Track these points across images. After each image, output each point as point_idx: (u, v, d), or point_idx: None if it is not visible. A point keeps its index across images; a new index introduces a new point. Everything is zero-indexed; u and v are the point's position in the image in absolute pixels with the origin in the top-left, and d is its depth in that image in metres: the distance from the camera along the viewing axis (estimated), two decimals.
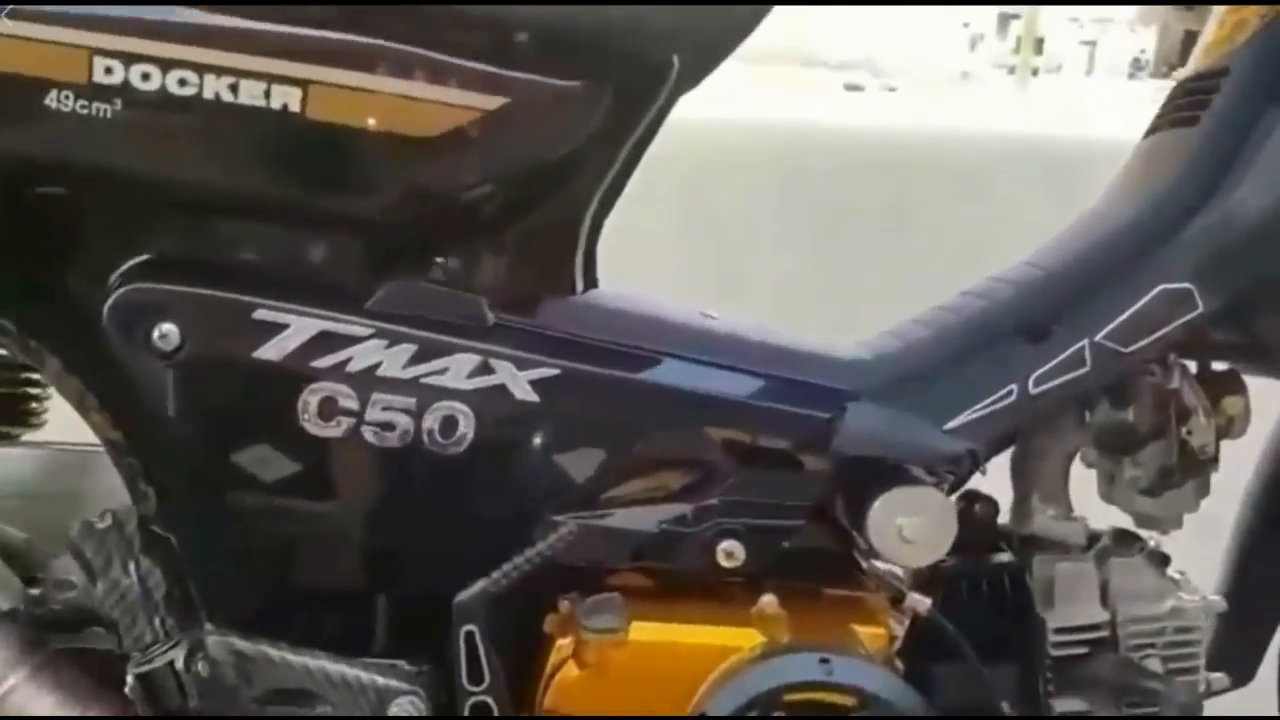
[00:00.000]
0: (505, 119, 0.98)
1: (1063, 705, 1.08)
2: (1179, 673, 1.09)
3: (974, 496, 1.15)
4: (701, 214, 4.77)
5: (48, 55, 0.87)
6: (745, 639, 1.01)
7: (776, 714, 0.97)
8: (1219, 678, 1.13)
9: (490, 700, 0.98)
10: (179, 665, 0.94)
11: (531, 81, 0.97)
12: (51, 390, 1.17)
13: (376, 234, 1.01)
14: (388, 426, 1.00)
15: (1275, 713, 1.20)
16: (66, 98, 0.88)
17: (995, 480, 1.14)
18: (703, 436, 1.04)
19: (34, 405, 1.18)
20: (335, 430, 0.99)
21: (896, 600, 1.07)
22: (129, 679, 0.93)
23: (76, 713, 0.91)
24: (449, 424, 1.00)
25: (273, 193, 0.96)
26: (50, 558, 0.97)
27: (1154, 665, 1.09)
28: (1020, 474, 1.15)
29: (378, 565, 1.04)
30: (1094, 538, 1.14)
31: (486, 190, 1.01)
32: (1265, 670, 1.20)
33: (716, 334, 1.09)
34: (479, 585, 0.98)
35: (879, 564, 1.12)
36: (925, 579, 1.11)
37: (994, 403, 1.04)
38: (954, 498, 1.09)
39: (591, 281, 1.09)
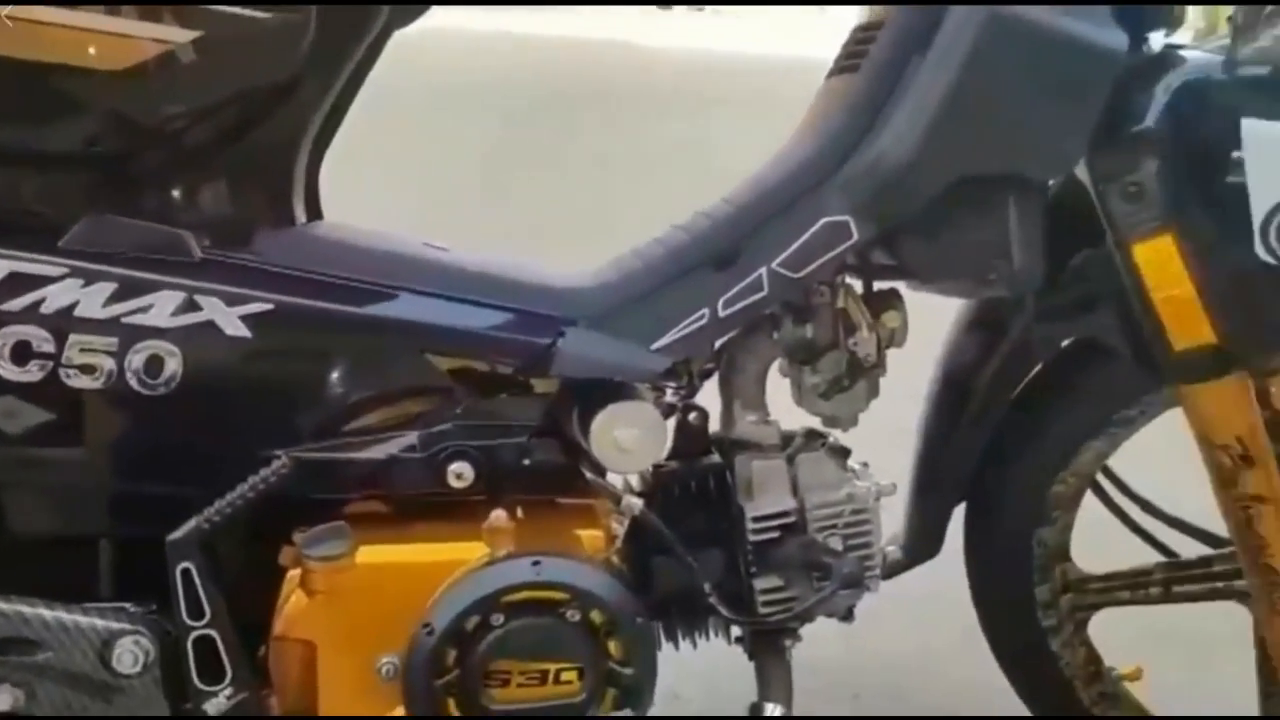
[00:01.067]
0: (201, 51, 0.76)
1: (762, 583, 0.95)
2: (857, 549, 0.99)
3: (689, 407, 1.01)
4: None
5: None
6: (471, 553, 0.80)
7: (495, 616, 0.78)
8: (893, 551, 1.03)
9: (213, 633, 0.75)
10: None
11: (226, 14, 0.76)
12: None
13: (70, 169, 0.75)
14: (88, 369, 0.74)
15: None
16: None
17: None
18: (426, 367, 0.82)
19: None
20: (32, 375, 0.73)
21: (615, 504, 0.93)
22: None
23: None
24: (154, 363, 0.75)
25: None
26: None
27: (835, 544, 0.99)
28: (725, 386, 1.01)
29: (92, 509, 0.78)
30: (789, 437, 1.03)
31: (184, 123, 0.76)
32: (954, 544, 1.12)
33: (440, 265, 0.87)
34: (191, 523, 0.74)
35: (600, 478, 0.97)
36: (648, 483, 0.97)
37: (690, 324, 0.90)
38: (664, 412, 0.96)
39: (315, 214, 0.85)
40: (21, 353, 0.73)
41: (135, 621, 0.75)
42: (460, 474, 0.82)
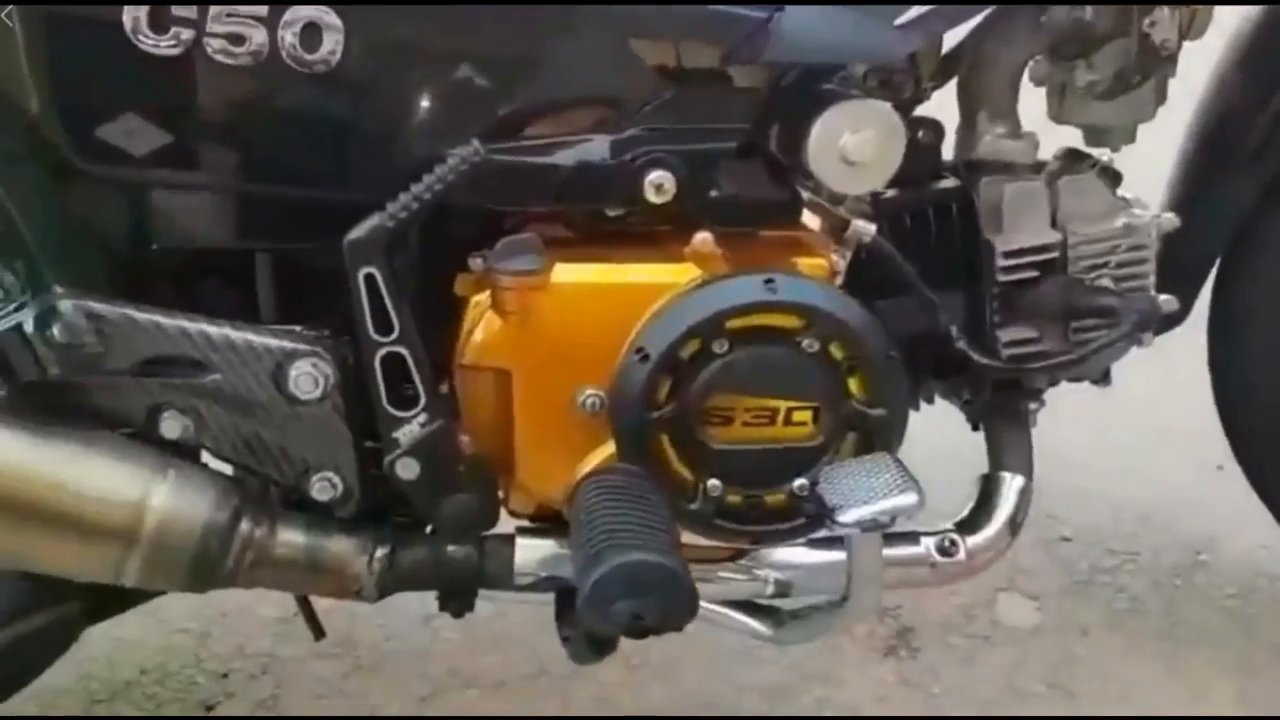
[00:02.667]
0: None
1: (1010, 331, 0.81)
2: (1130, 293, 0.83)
3: (916, 122, 0.84)
4: None
5: None
6: (680, 274, 0.68)
7: (718, 342, 0.67)
8: (1168, 299, 0.87)
9: (403, 350, 0.66)
10: (29, 330, 0.62)
11: None
12: None
13: None
14: (236, 39, 0.65)
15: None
16: None
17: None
18: (627, 57, 0.69)
19: None
20: (171, 48, 0.64)
21: (838, 231, 0.79)
22: None
23: None
24: (311, 34, 0.63)
25: None
26: None
27: (1105, 285, 0.83)
28: (968, 92, 0.83)
29: (265, 223, 0.70)
30: (1041, 162, 0.87)
31: None
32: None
33: None
34: (373, 220, 0.64)
35: (820, 198, 0.83)
36: (868, 213, 0.82)
37: None
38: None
39: None
40: (159, 23, 0.61)
41: (312, 342, 0.66)
42: (660, 185, 0.70)
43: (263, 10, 0.63)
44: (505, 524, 0.75)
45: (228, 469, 0.70)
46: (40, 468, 0.63)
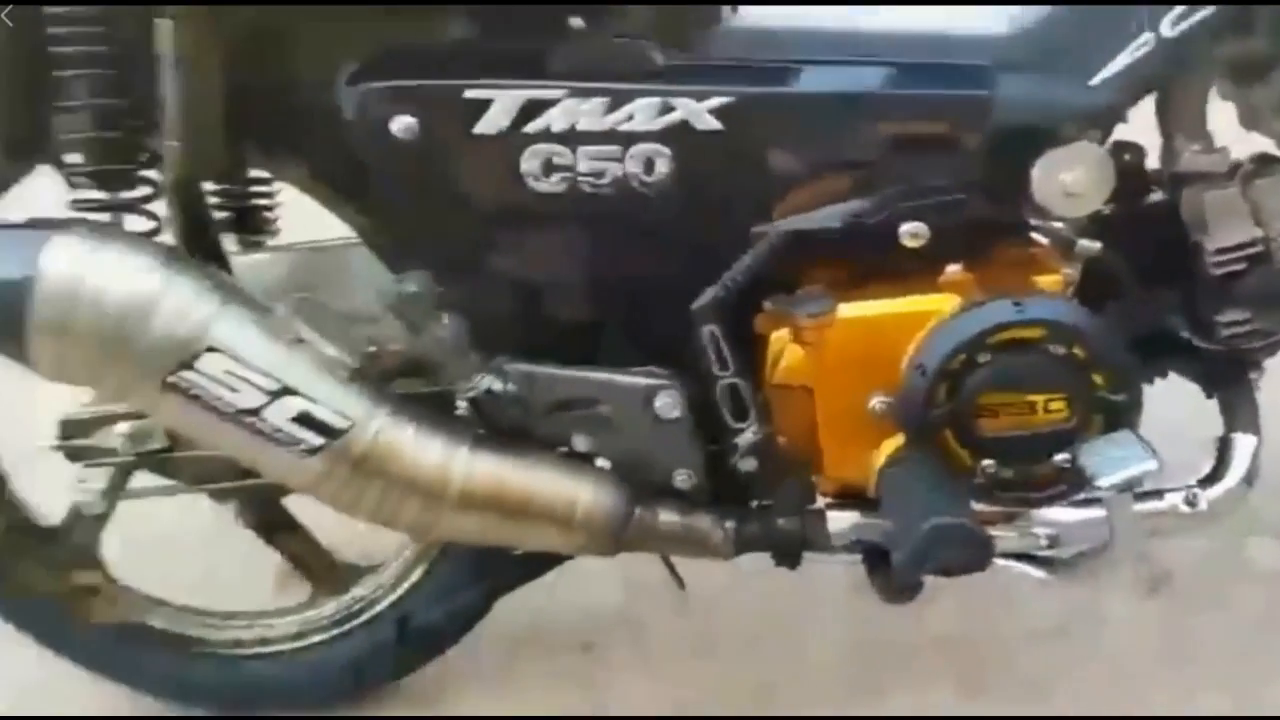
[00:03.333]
0: None
1: (1226, 316, 0.93)
2: None
3: (1121, 146, 0.95)
4: None
5: None
6: (942, 303, 0.87)
7: (981, 355, 0.86)
8: None
9: (738, 381, 0.89)
10: (496, 388, 0.88)
11: None
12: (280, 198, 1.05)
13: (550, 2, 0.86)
14: (599, 175, 0.88)
15: None
16: None
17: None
18: (871, 132, 0.87)
19: (268, 215, 1.08)
20: (558, 186, 0.88)
21: (1067, 250, 0.96)
22: (460, 404, 0.87)
23: (433, 438, 0.87)
24: (648, 164, 0.86)
25: None
26: (368, 324, 0.91)
27: None
28: (1164, 117, 0.99)
29: (622, 296, 0.93)
30: (1236, 165, 1.00)
31: None
32: None
33: (865, 34, 0.91)
34: (710, 293, 0.87)
35: (1046, 223, 1.00)
36: (1087, 229, 0.98)
37: (1132, 53, 0.89)
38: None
39: (733, 4, 0.91)
40: (546, 169, 0.87)
41: (669, 379, 0.89)
42: (915, 233, 0.87)
43: (614, 151, 0.88)
44: None
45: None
46: (515, 477, 0.88)
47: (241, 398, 0.80)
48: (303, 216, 1.05)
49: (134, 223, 0.88)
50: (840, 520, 0.93)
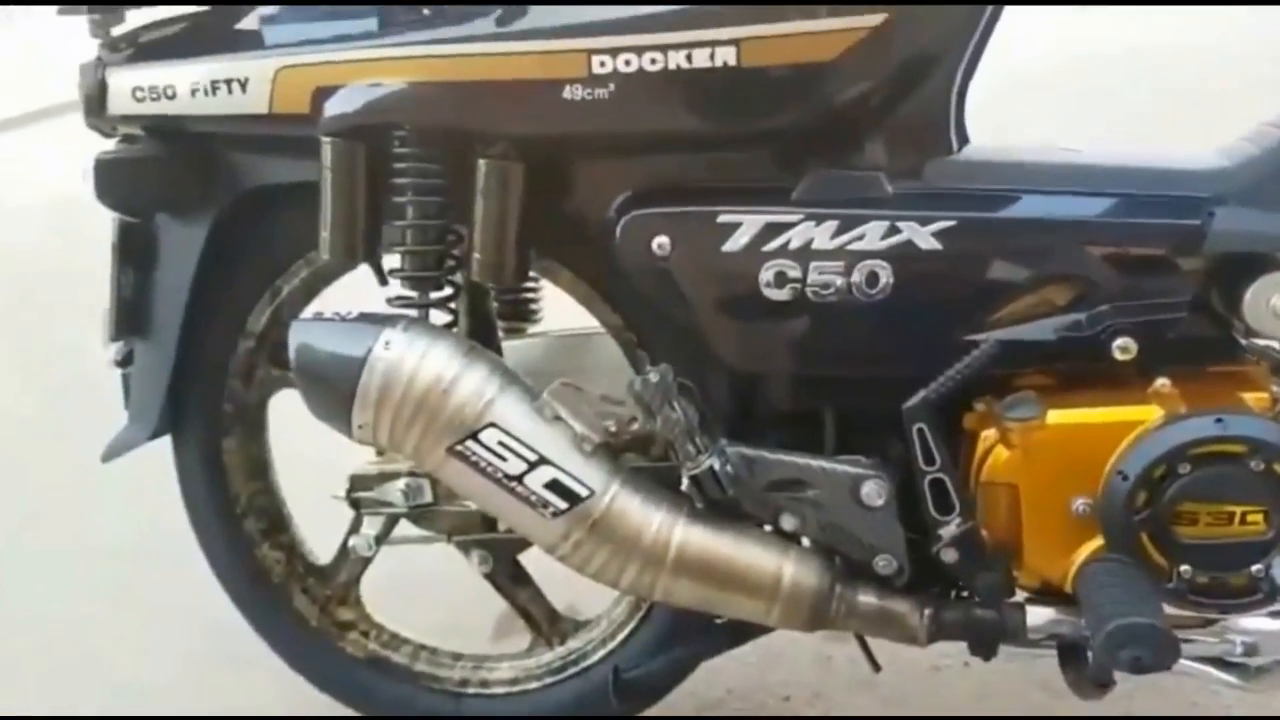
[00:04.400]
0: (887, 32, 0.97)
1: None
2: None
3: None
4: None
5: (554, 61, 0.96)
6: (1147, 414, 0.94)
7: (1182, 465, 0.92)
8: None
9: (943, 476, 0.98)
10: (717, 468, 0.98)
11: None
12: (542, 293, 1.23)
13: (795, 140, 1.00)
14: (825, 286, 0.98)
15: None
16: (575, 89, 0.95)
17: None
18: (1087, 255, 0.96)
19: (533, 307, 1.24)
20: (786, 295, 0.99)
21: (1276, 369, 1.01)
22: (684, 480, 0.98)
23: (656, 508, 0.99)
24: (872, 278, 0.98)
25: (720, 127, 0.99)
26: (613, 405, 1.05)
27: None
28: None
29: (834, 391, 1.04)
30: None
31: (874, 90, 0.98)
32: None
33: (1083, 165, 1.01)
34: (921, 394, 0.96)
35: (1257, 341, 1.05)
36: None
37: None
38: None
39: (964, 139, 1.02)
40: (779, 280, 1.01)
41: (875, 469, 0.98)
42: (1125, 347, 0.94)
43: (840, 266, 1.01)
44: None
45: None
46: (724, 548, 0.98)
47: (509, 465, 0.95)
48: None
49: (437, 317, 1.08)
50: (1038, 615, 1.01)
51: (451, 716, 1.20)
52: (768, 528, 1.00)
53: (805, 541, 1.00)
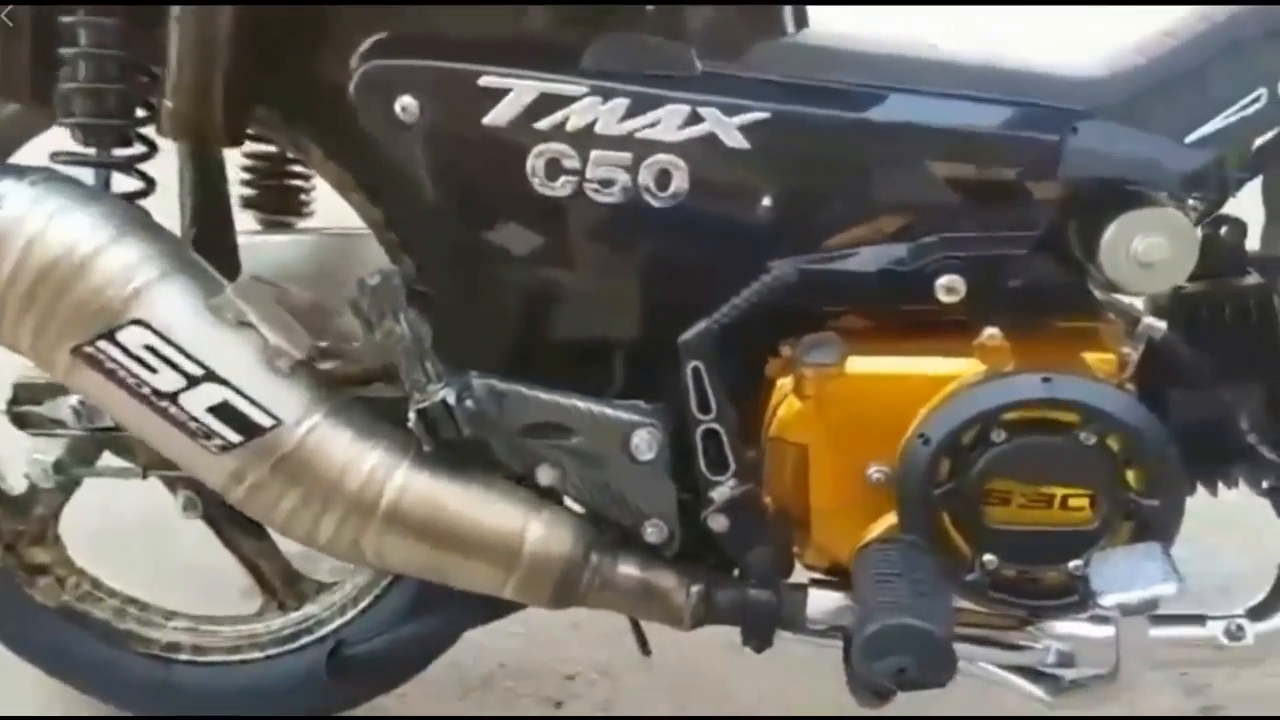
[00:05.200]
0: None
1: None
2: None
3: (1220, 219, 0.83)
4: None
5: None
6: (964, 369, 0.78)
7: (996, 432, 0.76)
8: None
9: (718, 427, 0.81)
10: (451, 402, 0.81)
11: None
12: (316, 181, 1.00)
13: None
14: (607, 183, 0.80)
15: None
16: None
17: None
18: (922, 171, 0.80)
19: (302, 196, 1.03)
20: (561, 191, 0.81)
21: (1130, 328, 0.85)
22: (410, 415, 0.80)
23: (371, 447, 0.81)
24: (663, 178, 0.79)
25: None
26: (333, 317, 0.89)
27: None
28: (1274, 189, 0.87)
29: (609, 315, 0.86)
30: None
31: None
32: None
33: (936, 63, 0.83)
34: (700, 325, 0.79)
35: (1114, 296, 0.89)
36: (1164, 307, 0.84)
37: (1240, 110, 0.77)
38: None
39: (802, 21, 0.84)
40: (552, 170, 0.81)
41: (650, 415, 0.81)
42: (951, 287, 0.79)
43: (627, 159, 0.81)
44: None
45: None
46: (454, 502, 0.83)
47: (159, 379, 0.76)
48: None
49: (123, 183, 0.85)
50: (821, 600, 0.84)
51: (159, 685, 1.00)
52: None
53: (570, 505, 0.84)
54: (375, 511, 0.81)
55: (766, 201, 0.81)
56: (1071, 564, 0.75)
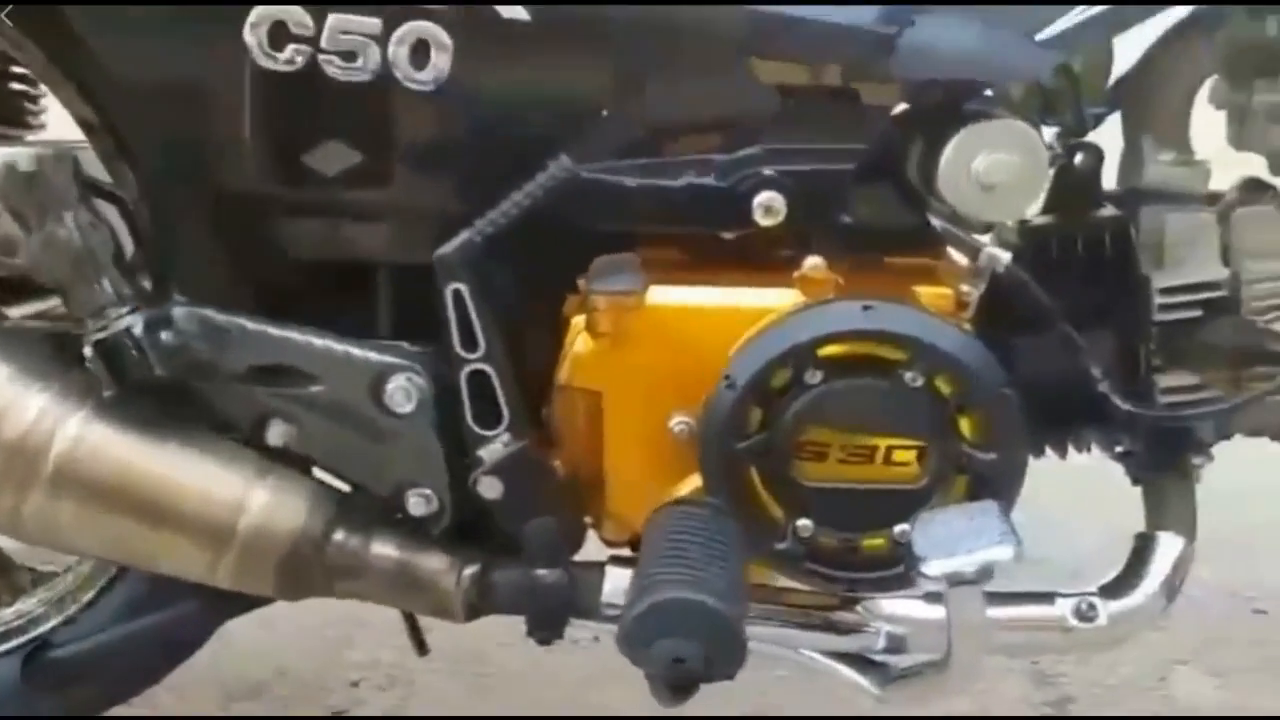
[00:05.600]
0: None
1: (1169, 377, 0.74)
2: None
3: (1075, 145, 0.75)
4: None
5: None
6: (779, 300, 0.66)
7: (810, 373, 0.64)
8: None
9: (488, 369, 0.66)
10: (138, 333, 0.66)
11: None
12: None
13: None
14: (349, 57, 0.65)
15: None
16: None
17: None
18: (741, 75, 0.68)
19: (29, 105, 0.88)
20: (290, 64, 0.65)
21: (971, 260, 0.74)
22: (86, 350, 0.65)
23: (36, 390, 0.67)
24: (420, 51, 0.65)
25: None
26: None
27: None
28: (1133, 115, 0.77)
29: (363, 231, 0.71)
30: (1216, 194, 0.78)
31: None
32: None
33: None
34: (461, 236, 0.65)
35: (954, 228, 0.78)
36: (1011, 242, 0.74)
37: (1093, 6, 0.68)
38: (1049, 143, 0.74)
39: None
40: (276, 37, 0.65)
41: (410, 358, 0.68)
42: (770, 207, 0.68)
43: (376, 27, 0.66)
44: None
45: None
46: (145, 464, 0.67)
47: None
48: None
49: None
50: (621, 580, 0.69)
51: None
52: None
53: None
54: (40, 470, 0.64)
55: (550, 90, 0.67)
56: (897, 528, 0.63)
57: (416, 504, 0.70)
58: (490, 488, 0.68)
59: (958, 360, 0.63)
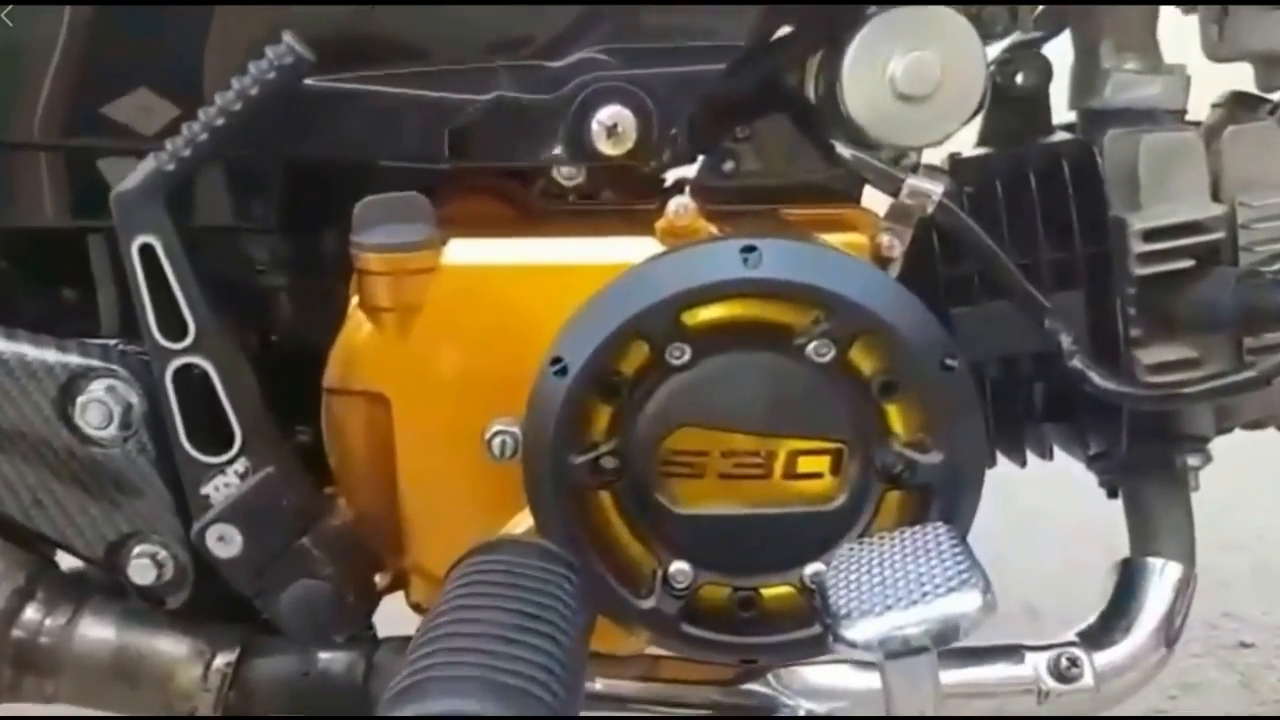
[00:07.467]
0: None
1: (1154, 348, 0.58)
2: None
3: (1015, 58, 0.63)
4: None
5: None
6: (635, 250, 0.49)
7: (675, 347, 0.46)
8: None
9: (203, 361, 0.48)
10: None
11: None
12: None
13: None
14: None
15: None
16: None
17: None
18: None
19: None
20: None
21: (892, 197, 0.57)
22: None
23: None
24: None
25: None
26: None
27: None
28: (1087, 18, 0.62)
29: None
30: (1193, 123, 0.64)
31: None
32: None
33: None
34: (145, 165, 0.47)
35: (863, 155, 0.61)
36: (947, 172, 0.61)
37: None
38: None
39: None
40: None
41: (111, 359, 0.52)
42: (614, 126, 0.52)
43: None
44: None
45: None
46: None
47: None
48: None
49: None
50: None
51: None
52: None
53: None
54: None
55: None
56: (808, 569, 0.45)
57: (140, 567, 0.55)
58: (225, 541, 0.48)
59: (882, 320, 0.45)
